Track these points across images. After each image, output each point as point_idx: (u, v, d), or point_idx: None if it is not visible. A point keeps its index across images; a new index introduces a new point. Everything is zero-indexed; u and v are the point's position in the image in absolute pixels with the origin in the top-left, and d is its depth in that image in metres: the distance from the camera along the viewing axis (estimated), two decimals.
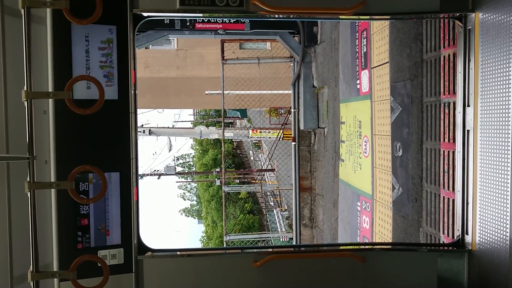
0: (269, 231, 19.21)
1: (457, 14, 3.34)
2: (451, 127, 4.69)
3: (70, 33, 2.85)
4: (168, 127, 25.33)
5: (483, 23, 3.14)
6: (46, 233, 2.86)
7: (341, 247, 3.68)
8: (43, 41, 2.81)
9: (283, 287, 3.24)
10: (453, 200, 4.55)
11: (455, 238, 3.44)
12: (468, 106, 3.34)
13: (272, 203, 21.07)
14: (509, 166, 2.89)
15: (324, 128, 10.38)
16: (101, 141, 2.96)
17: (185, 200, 43.18)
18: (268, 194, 21.03)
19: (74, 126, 2.88)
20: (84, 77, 2.81)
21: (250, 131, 18.80)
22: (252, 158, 31.17)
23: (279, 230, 17.71)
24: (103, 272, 2.78)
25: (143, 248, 3.15)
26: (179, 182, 35.62)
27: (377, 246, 3.73)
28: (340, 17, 3.57)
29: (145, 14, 3.10)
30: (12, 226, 2.81)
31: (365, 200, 7.61)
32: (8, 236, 2.80)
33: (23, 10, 2.66)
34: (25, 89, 2.67)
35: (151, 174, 24.60)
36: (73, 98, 2.74)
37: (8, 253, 2.80)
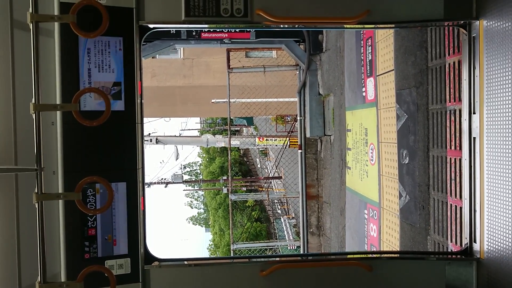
0: (276, 239, 19.14)
1: (462, 22, 3.34)
2: (457, 134, 4.68)
3: (78, 46, 2.89)
4: (175, 136, 25.41)
5: (488, 31, 3.15)
6: (54, 244, 2.88)
7: (349, 256, 3.66)
8: (51, 54, 2.86)
9: None
10: (461, 208, 4.53)
11: (463, 246, 3.41)
12: (474, 113, 3.33)
13: (279, 211, 21.01)
14: None
15: (330, 135, 10.38)
16: (108, 151, 2.99)
17: (192, 208, 43.26)
18: (275, 202, 20.99)
19: (81, 137, 2.91)
20: (91, 89, 2.85)
21: (257, 139, 18.82)
22: (259, 165, 31.16)
23: (287, 238, 17.64)
24: (110, 283, 2.80)
25: (150, 258, 3.16)
26: (186, 190, 35.64)
27: (385, 255, 3.72)
28: (345, 26, 3.59)
29: (151, 26, 3.14)
30: (21, 237, 2.83)
31: (372, 208, 7.57)
32: (17, 247, 2.83)
33: (31, 24, 2.71)
34: (33, 102, 2.71)
35: (158, 183, 24.65)
36: (80, 110, 2.78)
37: (17, 263, 2.83)
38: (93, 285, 2.86)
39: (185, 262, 3.26)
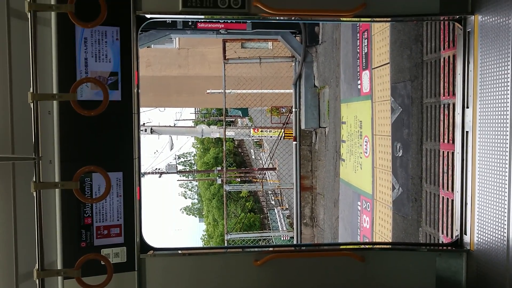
0: (270, 230, 19.26)
1: (457, 17, 3.37)
2: (451, 128, 4.73)
3: (74, 35, 2.89)
4: (170, 126, 25.37)
5: (483, 26, 3.18)
6: (50, 232, 2.91)
7: (341, 247, 3.72)
8: (48, 43, 2.85)
9: (283, 286, 3.29)
10: (452, 201, 4.60)
11: (454, 238, 3.48)
12: (467, 107, 3.37)
13: (273, 202, 21.11)
14: (507, 167, 2.93)
15: (325, 127, 10.42)
16: (104, 141, 3.00)
17: (186, 198, 43.29)
18: (269, 193, 21.08)
19: (78, 127, 2.92)
20: (89, 79, 2.85)
21: (252, 130, 18.84)
22: (253, 157, 31.21)
23: (280, 229, 17.75)
24: (107, 271, 2.83)
25: (145, 247, 3.19)
26: (181, 180, 35.68)
27: (377, 246, 3.77)
28: (342, 19, 3.60)
29: (148, 16, 3.13)
30: (18, 225, 2.85)
31: (366, 199, 7.65)
32: (14, 235, 2.84)
33: (29, 13, 2.70)
34: (31, 91, 2.71)
35: (152, 173, 24.65)
36: (77, 100, 2.79)
37: (14, 251, 2.85)
38: (89, 273, 2.89)
39: (180, 252, 3.30)
